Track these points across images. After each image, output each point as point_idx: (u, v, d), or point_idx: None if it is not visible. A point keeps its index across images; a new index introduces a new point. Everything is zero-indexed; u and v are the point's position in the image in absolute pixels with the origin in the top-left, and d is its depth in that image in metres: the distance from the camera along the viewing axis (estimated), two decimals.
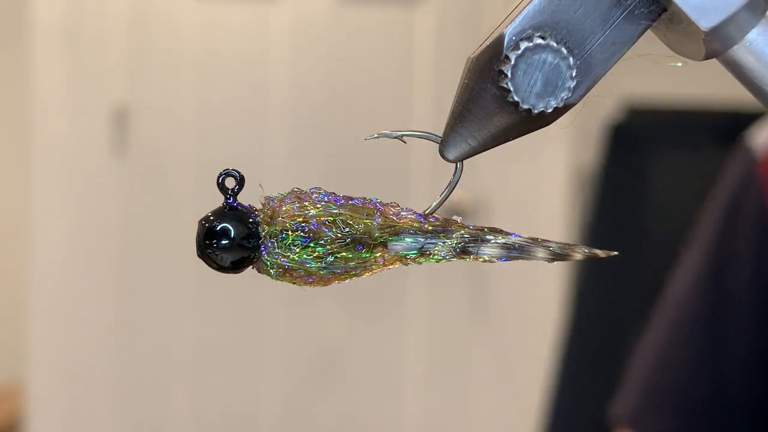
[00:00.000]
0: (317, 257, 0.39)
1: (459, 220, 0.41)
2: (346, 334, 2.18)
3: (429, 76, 2.15)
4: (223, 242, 0.38)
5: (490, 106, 0.39)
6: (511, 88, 0.38)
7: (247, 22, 2.18)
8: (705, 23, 0.38)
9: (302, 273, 0.39)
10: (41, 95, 2.14)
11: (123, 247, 2.18)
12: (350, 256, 0.39)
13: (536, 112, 0.39)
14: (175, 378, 2.19)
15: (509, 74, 0.38)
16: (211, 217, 0.39)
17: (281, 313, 2.18)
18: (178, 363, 2.19)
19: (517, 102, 0.39)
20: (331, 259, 0.39)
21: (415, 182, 2.15)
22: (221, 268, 0.39)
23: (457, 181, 0.41)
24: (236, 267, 0.39)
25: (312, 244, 0.39)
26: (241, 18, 2.18)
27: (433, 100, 2.14)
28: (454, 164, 0.41)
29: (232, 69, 2.18)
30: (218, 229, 0.38)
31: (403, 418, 2.20)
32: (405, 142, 0.43)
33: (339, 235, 0.39)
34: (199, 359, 2.19)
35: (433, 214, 0.41)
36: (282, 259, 0.39)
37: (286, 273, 0.39)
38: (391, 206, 0.41)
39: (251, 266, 0.40)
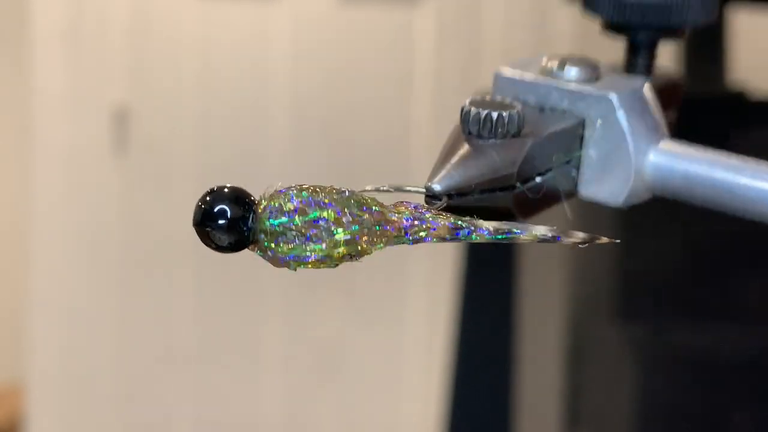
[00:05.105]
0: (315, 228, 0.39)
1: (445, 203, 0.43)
2: (346, 333, 2.18)
3: (429, 76, 2.15)
4: (221, 222, 0.38)
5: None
6: None
7: (247, 21, 2.18)
8: (616, 203, 0.43)
9: (302, 248, 0.39)
10: (41, 95, 2.14)
11: (123, 247, 2.18)
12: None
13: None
14: (175, 378, 2.19)
15: None
16: (212, 193, 0.38)
17: (281, 313, 2.18)
18: (179, 363, 2.19)
19: None
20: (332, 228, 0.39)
21: (415, 182, 2.14)
22: (219, 248, 0.39)
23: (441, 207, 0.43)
24: (235, 246, 0.39)
25: (312, 215, 0.39)
26: (241, 18, 2.18)
27: (433, 100, 2.14)
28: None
29: (232, 68, 2.18)
30: (217, 208, 0.38)
31: (403, 418, 2.20)
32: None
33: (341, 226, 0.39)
34: (199, 359, 2.19)
35: (428, 208, 0.42)
36: (280, 238, 0.39)
37: (283, 245, 0.39)
38: (394, 207, 0.42)
39: (251, 247, 0.39)
